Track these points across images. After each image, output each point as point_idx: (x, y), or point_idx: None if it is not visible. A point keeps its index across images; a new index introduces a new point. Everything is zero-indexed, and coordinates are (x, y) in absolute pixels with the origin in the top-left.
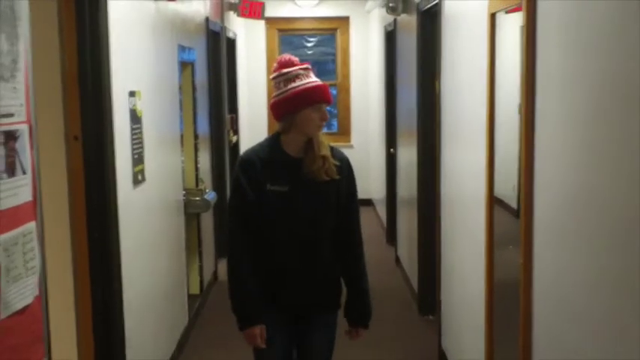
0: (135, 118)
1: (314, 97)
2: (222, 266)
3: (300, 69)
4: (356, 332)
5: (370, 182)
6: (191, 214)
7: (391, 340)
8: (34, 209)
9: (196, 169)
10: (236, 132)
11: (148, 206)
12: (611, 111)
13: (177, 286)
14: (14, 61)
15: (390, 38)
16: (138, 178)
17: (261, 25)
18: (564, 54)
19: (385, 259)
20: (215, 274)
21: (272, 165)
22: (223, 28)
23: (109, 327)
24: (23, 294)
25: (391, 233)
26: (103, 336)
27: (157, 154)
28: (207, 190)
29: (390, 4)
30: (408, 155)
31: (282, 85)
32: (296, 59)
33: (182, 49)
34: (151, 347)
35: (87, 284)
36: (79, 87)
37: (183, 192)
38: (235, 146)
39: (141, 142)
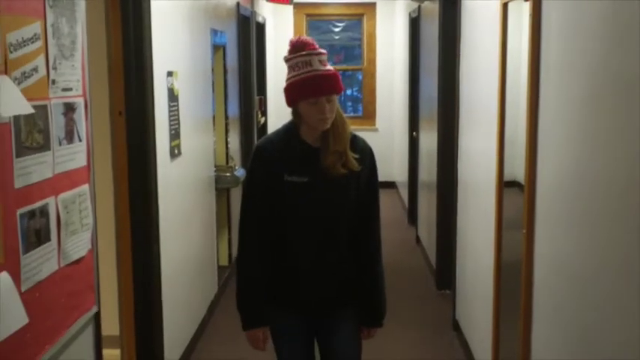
0: (172, 96)
1: (306, 91)
2: None
3: (300, 56)
4: (368, 332)
5: (394, 166)
6: (221, 189)
7: (410, 311)
8: (88, 173)
9: (227, 147)
10: (264, 113)
11: (183, 178)
12: (606, 97)
13: (208, 256)
14: (73, 42)
15: (415, 25)
16: (175, 152)
17: (289, 10)
18: (565, 42)
19: (406, 239)
20: None
21: (290, 154)
22: (253, 13)
23: (147, 285)
24: (79, 247)
25: (412, 214)
26: (142, 293)
27: (192, 132)
28: (236, 167)
29: None
30: (429, 140)
31: (288, 72)
32: (308, 41)
33: (214, 32)
34: (185, 308)
35: (128, 246)
36: (123, 66)
37: (215, 168)
38: (263, 127)
39: (177, 119)
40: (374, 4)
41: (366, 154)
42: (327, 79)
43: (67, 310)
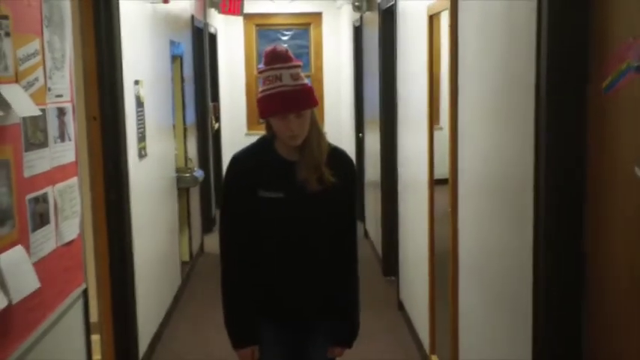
0: (139, 102)
1: (274, 107)
2: (208, 239)
3: (273, 69)
4: (332, 350)
5: None
6: (182, 189)
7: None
8: (76, 168)
9: (185, 151)
10: (218, 119)
11: (150, 177)
12: (504, 94)
13: (172, 251)
14: (63, 56)
15: (358, 33)
16: (142, 153)
17: (239, 20)
18: (476, 46)
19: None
20: (202, 246)
21: (265, 169)
22: (206, 25)
23: (123, 275)
24: (71, 230)
25: (360, 210)
26: (118, 282)
27: (155, 136)
28: (195, 169)
29: (356, 3)
30: (373, 141)
31: (260, 85)
32: (281, 52)
33: (172, 43)
34: (154, 298)
35: (105, 237)
36: (97, 76)
37: (176, 170)
38: (217, 132)
39: (143, 123)
40: (320, 14)
41: (344, 168)
42: (296, 94)
43: (63, 284)
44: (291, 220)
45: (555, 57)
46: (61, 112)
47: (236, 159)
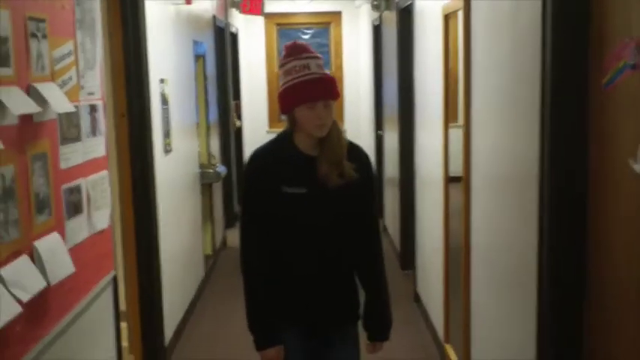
0: (164, 100)
1: (304, 95)
2: (230, 234)
3: (297, 59)
4: (373, 346)
5: None
6: (205, 185)
7: None
8: (106, 162)
9: (208, 148)
10: (239, 117)
11: (175, 172)
12: (511, 89)
13: (195, 244)
14: (94, 56)
15: (377, 32)
16: (167, 149)
17: (260, 20)
18: (487, 46)
19: None
20: (224, 240)
21: (286, 164)
22: (227, 24)
23: (149, 266)
24: (102, 220)
25: (380, 207)
26: (145, 273)
27: (179, 132)
28: (217, 165)
29: (375, 2)
30: (392, 138)
31: (282, 77)
32: (305, 45)
33: (195, 43)
34: (179, 289)
35: (132, 229)
36: (124, 74)
37: (199, 166)
38: (239, 130)
39: (168, 120)
40: (339, 13)
41: (362, 163)
42: (325, 82)
43: (95, 270)
44: (314, 217)
45: (559, 56)
46: (93, 109)
47: (256, 156)
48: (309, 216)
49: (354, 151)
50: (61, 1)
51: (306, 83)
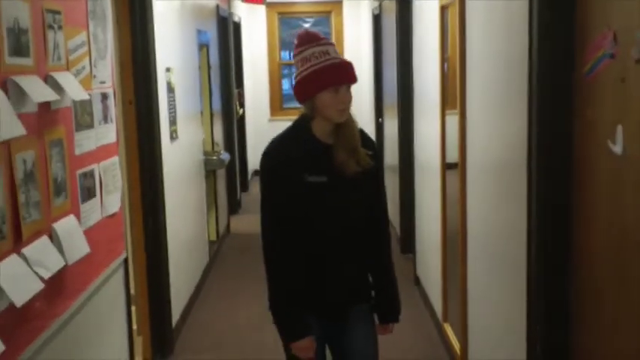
0: (170, 88)
1: (328, 79)
2: (234, 221)
3: (316, 45)
4: (385, 328)
5: None
6: (209, 172)
7: None
8: (117, 147)
9: (212, 135)
10: (242, 105)
11: (180, 159)
12: (502, 80)
13: (200, 230)
14: (105, 46)
15: (377, 21)
16: (173, 136)
17: (262, 9)
18: (481, 36)
19: None
20: (228, 227)
21: (307, 153)
22: (230, 14)
23: (157, 250)
24: (113, 204)
25: None
26: (153, 257)
27: (185, 120)
28: (221, 152)
29: None
30: (392, 126)
31: (299, 65)
32: (316, 33)
33: (199, 32)
34: (185, 273)
35: (140, 213)
36: (132, 63)
37: (203, 153)
38: (242, 118)
39: (174, 108)
40: (340, 2)
41: (373, 149)
42: (347, 67)
43: (107, 252)
44: (334, 204)
45: (546, 45)
46: (104, 96)
47: (277, 144)
48: (330, 203)
49: (365, 138)
50: None
51: (329, 68)
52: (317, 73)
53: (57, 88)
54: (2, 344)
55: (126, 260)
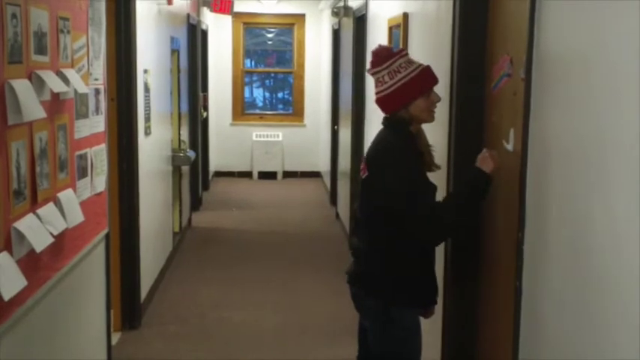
0: (146, 88)
1: (425, 85)
2: (195, 216)
3: (399, 57)
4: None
5: (319, 157)
6: (175, 167)
7: (331, 264)
8: (105, 136)
9: (179, 135)
10: (206, 109)
11: (153, 153)
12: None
13: (166, 220)
14: (99, 48)
15: (336, 35)
16: (147, 131)
17: (228, 18)
18: (419, 55)
19: (329, 215)
20: (189, 220)
21: (419, 157)
22: (199, 22)
23: (130, 232)
24: (100, 184)
25: (333, 197)
26: (127, 238)
27: (157, 119)
28: (187, 150)
29: (334, 10)
30: (345, 134)
31: (386, 78)
32: (390, 47)
33: (172, 39)
34: (151, 256)
35: (116, 199)
36: (115, 64)
37: (172, 150)
38: (205, 121)
39: (149, 106)
40: (303, 15)
41: None
42: (431, 70)
43: (94, 225)
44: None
45: (464, 64)
46: (97, 92)
47: (403, 146)
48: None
49: None
50: (79, 2)
51: (424, 73)
52: (417, 79)
53: (65, 81)
54: (25, 280)
55: (108, 235)
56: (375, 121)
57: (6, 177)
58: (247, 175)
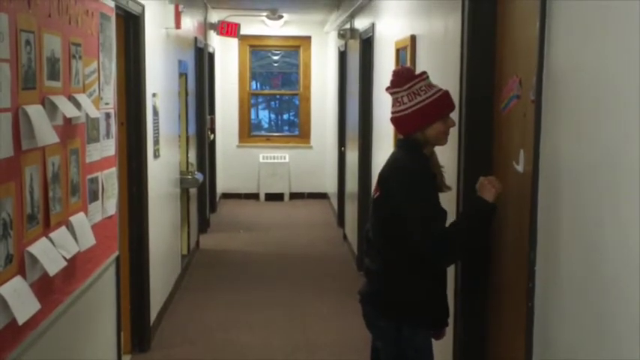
0: (155, 112)
1: (443, 110)
2: (203, 238)
3: (421, 80)
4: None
5: (326, 179)
6: (183, 190)
7: (339, 286)
8: (115, 160)
9: (187, 157)
10: (213, 131)
11: (161, 175)
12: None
13: (175, 243)
14: (110, 73)
15: (343, 57)
16: (156, 154)
17: (234, 41)
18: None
19: (336, 236)
20: (197, 243)
21: (432, 179)
22: (205, 45)
23: (140, 256)
24: (111, 208)
25: (341, 218)
26: (136, 262)
27: (165, 141)
28: (195, 172)
29: (341, 32)
30: (352, 156)
31: (405, 99)
32: (412, 69)
33: (180, 62)
34: (160, 280)
35: (125, 223)
36: (125, 88)
37: (180, 172)
38: (212, 143)
39: (158, 130)
40: (309, 38)
41: None
42: (449, 95)
43: (105, 248)
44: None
45: (473, 86)
46: (108, 116)
47: (416, 167)
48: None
49: None
50: (90, 28)
51: (443, 97)
52: (436, 103)
53: (77, 106)
54: (38, 303)
55: (118, 258)
56: (382, 142)
57: (20, 202)
58: (254, 196)
